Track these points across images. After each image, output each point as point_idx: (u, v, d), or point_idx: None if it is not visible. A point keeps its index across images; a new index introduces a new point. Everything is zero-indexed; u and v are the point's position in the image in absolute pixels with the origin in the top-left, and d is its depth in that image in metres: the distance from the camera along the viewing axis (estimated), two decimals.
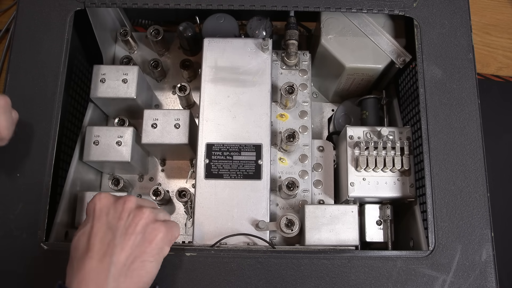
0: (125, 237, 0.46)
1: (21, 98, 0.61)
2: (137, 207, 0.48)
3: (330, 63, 0.71)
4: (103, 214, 0.47)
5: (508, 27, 0.93)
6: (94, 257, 0.44)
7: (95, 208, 0.47)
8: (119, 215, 0.47)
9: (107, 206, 0.48)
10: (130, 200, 0.48)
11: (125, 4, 0.64)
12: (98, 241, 0.45)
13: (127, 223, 0.47)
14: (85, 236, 0.46)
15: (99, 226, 0.46)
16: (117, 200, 0.48)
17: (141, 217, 0.48)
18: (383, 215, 0.66)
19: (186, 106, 0.78)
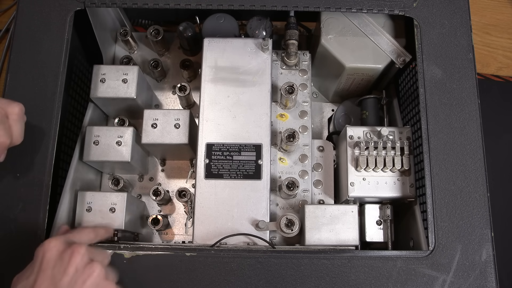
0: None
1: (21, 98, 0.61)
2: (86, 262, 0.46)
3: (330, 63, 0.71)
4: (49, 267, 0.44)
5: (508, 27, 0.93)
6: None
7: (43, 258, 0.45)
8: (65, 270, 0.44)
9: (54, 257, 0.45)
10: (78, 252, 0.45)
11: (125, 4, 0.64)
12: None
13: (72, 281, 0.44)
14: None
15: (42, 280, 0.43)
16: (65, 251, 0.45)
17: (89, 274, 0.45)
18: (383, 215, 0.66)
19: (186, 106, 0.78)
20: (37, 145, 0.60)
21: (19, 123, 0.54)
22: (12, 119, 0.53)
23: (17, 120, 0.54)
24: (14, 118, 0.53)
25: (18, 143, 0.55)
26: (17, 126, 0.54)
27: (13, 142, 0.54)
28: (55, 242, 0.46)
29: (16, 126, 0.54)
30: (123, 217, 0.64)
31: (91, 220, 0.64)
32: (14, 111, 0.53)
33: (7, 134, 0.53)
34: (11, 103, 0.54)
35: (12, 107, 0.53)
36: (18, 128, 0.54)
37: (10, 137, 0.53)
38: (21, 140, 0.56)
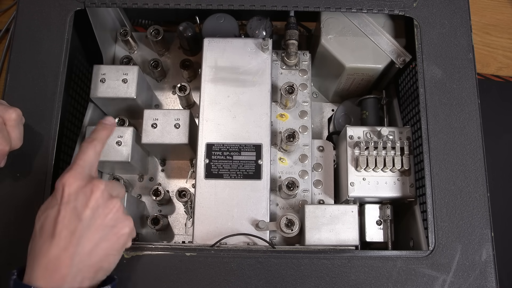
0: (92, 228, 0.45)
1: (21, 98, 0.61)
2: (106, 197, 0.47)
3: (330, 63, 0.71)
4: (71, 200, 0.45)
5: (508, 27, 0.93)
6: (59, 245, 0.44)
7: (63, 191, 0.46)
8: (86, 202, 0.46)
9: (76, 191, 0.46)
10: (98, 189, 0.46)
11: (125, 4, 0.64)
12: (64, 227, 0.44)
13: (95, 214, 0.46)
14: (51, 219, 0.45)
15: (66, 212, 0.45)
16: (86, 185, 0.47)
17: (110, 209, 0.47)
18: (383, 215, 0.66)
19: (186, 106, 0.78)
20: (37, 145, 0.60)
21: (17, 128, 0.55)
22: (9, 125, 0.54)
23: (15, 125, 0.54)
24: (11, 124, 0.54)
25: (17, 147, 0.56)
26: (15, 132, 0.54)
27: (13, 147, 0.55)
28: (75, 176, 0.47)
29: (15, 132, 0.54)
30: None
31: None
32: (11, 117, 0.54)
33: (6, 141, 0.53)
34: (8, 109, 0.54)
35: (9, 114, 0.54)
36: (16, 133, 0.55)
37: (9, 143, 0.54)
38: (21, 144, 0.56)
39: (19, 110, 0.55)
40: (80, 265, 0.44)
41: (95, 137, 0.51)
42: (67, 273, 0.43)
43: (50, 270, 0.43)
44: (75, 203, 0.45)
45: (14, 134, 0.54)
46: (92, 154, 0.49)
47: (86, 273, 0.45)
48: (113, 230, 0.47)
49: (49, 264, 0.43)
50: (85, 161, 0.48)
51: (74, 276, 0.44)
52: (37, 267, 0.43)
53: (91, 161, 0.49)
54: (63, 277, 0.43)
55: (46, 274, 0.43)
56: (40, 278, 0.43)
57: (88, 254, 0.45)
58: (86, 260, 0.45)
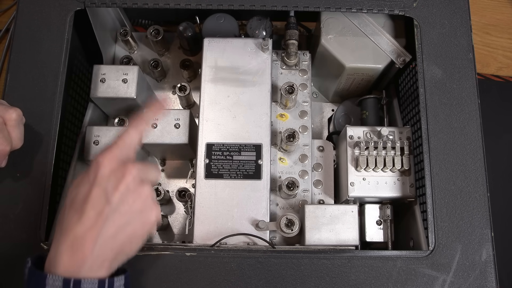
0: (119, 212, 0.45)
1: (21, 98, 0.61)
2: (137, 182, 0.47)
3: (330, 63, 0.71)
4: (103, 181, 0.46)
5: (508, 27, 0.93)
6: (86, 224, 0.44)
7: (97, 171, 0.46)
8: (117, 186, 0.46)
9: (109, 173, 0.46)
10: (130, 173, 0.46)
11: (125, 4, 0.64)
12: (92, 208, 0.44)
13: (124, 199, 0.46)
14: (81, 197, 0.45)
15: (96, 192, 0.45)
16: (119, 169, 0.47)
17: (139, 195, 0.47)
18: (383, 215, 0.66)
19: (186, 106, 0.78)
20: (37, 145, 0.60)
21: (17, 128, 0.55)
22: (10, 125, 0.54)
23: (15, 125, 0.54)
24: (12, 124, 0.54)
25: (18, 147, 0.56)
26: (15, 132, 0.55)
27: (13, 147, 0.55)
28: (112, 157, 0.47)
29: (15, 132, 0.55)
30: None
31: None
32: (11, 117, 0.54)
33: (7, 141, 0.54)
34: (8, 109, 0.54)
35: (9, 114, 0.54)
36: (17, 134, 0.55)
37: (10, 143, 0.54)
38: (21, 144, 0.56)
39: (19, 110, 0.55)
40: (102, 246, 0.44)
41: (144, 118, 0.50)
42: (90, 253, 0.44)
43: (75, 248, 0.43)
44: (106, 185, 0.45)
45: (14, 134, 0.55)
46: (135, 136, 0.49)
47: (107, 255, 0.45)
48: (140, 216, 0.47)
49: (74, 241, 0.44)
50: (125, 143, 0.48)
51: (96, 257, 0.44)
52: (63, 242, 0.44)
53: (132, 143, 0.49)
54: (85, 256, 0.43)
55: (71, 250, 0.43)
56: (64, 253, 0.43)
57: (112, 237, 0.45)
58: (109, 243, 0.45)
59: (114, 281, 0.45)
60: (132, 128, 0.49)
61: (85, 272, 0.43)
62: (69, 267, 0.43)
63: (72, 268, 0.43)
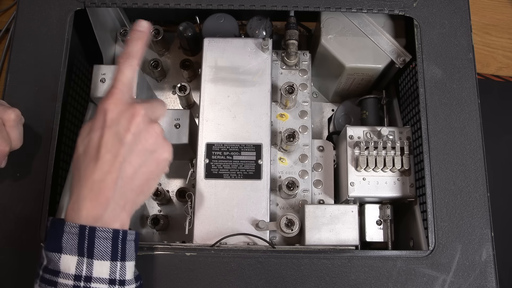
0: (134, 153, 0.45)
1: (21, 98, 0.61)
2: (147, 122, 0.47)
3: (330, 63, 0.71)
4: (114, 124, 0.45)
5: (508, 27, 0.93)
6: (103, 168, 0.44)
7: (105, 116, 0.46)
8: (128, 127, 0.45)
9: (117, 115, 0.46)
10: (138, 113, 0.46)
11: (125, 4, 0.64)
12: (107, 151, 0.44)
13: (137, 139, 0.46)
14: (95, 143, 0.45)
15: (109, 135, 0.45)
16: (127, 110, 0.46)
17: (151, 134, 0.47)
18: (383, 215, 0.66)
19: (186, 106, 0.78)
20: (37, 145, 0.60)
21: (16, 129, 0.55)
22: (9, 125, 0.54)
23: (14, 126, 0.54)
24: (11, 124, 0.54)
25: (17, 148, 0.56)
26: (15, 132, 0.55)
27: (13, 147, 0.55)
28: (116, 101, 0.46)
29: (14, 132, 0.55)
30: None
31: None
32: (10, 117, 0.54)
33: (6, 141, 0.54)
34: (7, 109, 0.54)
35: (8, 114, 0.54)
36: (16, 134, 0.55)
37: (9, 144, 0.54)
38: (21, 144, 0.56)
39: (18, 111, 0.55)
40: (123, 188, 0.45)
41: (129, 52, 0.49)
42: (111, 196, 0.44)
43: (95, 192, 0.44)
44: (117, 128, 0.45)
45: (13, 134, 0.55)
46: (130, 73, 0.48)
47: (128, 196, 0.45)
48: (154, 155, 0.47)
49: (94, 186, 0.44)
50: (123, 83, 0.48)
51: (118, 200, 0.44)
52: (83, 188, 0.44)
53: (129, 81, 0.48)
54: (108, 199, 0.44)
55: (92, 195, 0.44)
56: (86, 198, 0.43)
57: (131, 178, 0.45)
58: (128, 184, 0.45)
59: (127, 233, 0.45)
60: (124, 65, 0.48)
61: (107, 215, 0.44)
62: (92, 211, 0.43)
63: (95, 211, 0.43)
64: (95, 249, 0.43)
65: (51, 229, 0.45)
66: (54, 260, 0.43)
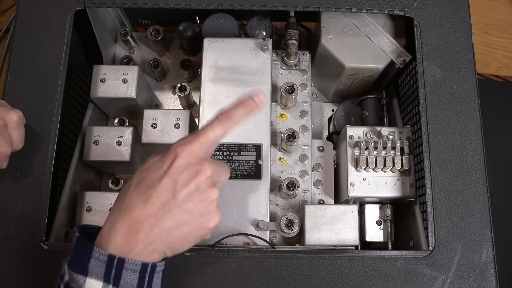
0: (181, 209, 0.45)
1: (21, 98, 0.61)
2: (208, 184, 0.46)
3: (330, 63, 0.71)
4: (176, 173, 0.45)
5: (508, 27, 0.93)
6: (147, 211, 0.44)
7: (173, 161, 0.45)
8: (187, 182, 0.45)
9: (184, 166, 0.45)
10: (203, 173, 0.45)
11: (125, 4, 0.64)
12: (157, 197, 0.44)
13: (190, 197, 0.45)
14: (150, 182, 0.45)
15: (167, 182, 0.44)
16: (195, 165, 0.46)
17: (206, 197, 0.46)
18: (383, 215, 0.66)
19: (186, 106, 0.78)
20: (37, 145, 0.60)
21: (18, 130, 0.55)
22: (11, 127, 0.54)
23: (16, 127, 0.55)
24: (13, 126, 0.54)
25: (19, 149, 0.56)
26: (16, 134, 0.55)
27: (14, 148, 0.55)
28: (191, 150, 0.46)
29: (16, 134, 0.55)
30: None
31: (91, 220, 0.64)
32: (12, 119, 0.54)
33: (8, 143, 0.54)
34: (9, 111, 0.54)
35: (10, 116, 0.54)
36: (18, 135, 0.55)
37: (11, 145, 0.54)
38: (22, 145, 0.56)
39: (20, 112, 0.55)
40: (156, 237, 0.44)
41: (231, 115, 0.48)
42: (144, 239, 0.44)
43: (131, 230, 0.44)
44: (177, 178, 0.45)
45: (15, 135, 0.55)
46: (219, 133, 0.48)
47: (159, 246, 0.45)
48: (199, 219, 0.47)
49: (132, 224, 0.44)
50: (207, 139, 0.47)
51: (147, 245, 0.44)
52: (121, 220, 0.44)
53: (214, 140, 0.48)
54: (139, 241, 0.44)
55: (127, 231, 0.44)
56: (119, 232, 0.44)
57: (168, 230, 0.45)
58: (163, 235, 0.45)
59: (156, 265, 0.45)
60: (218, 124, 0.48)
61: (133, 255, 0.44)
62: (121, 247, 0.43)
63: (123, 248, 0.43)
64: (122, 280, 0.43)
65: (78, 248, 0.45)
66: (78, 282, 0.43)
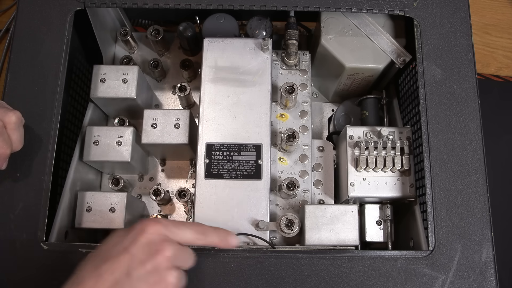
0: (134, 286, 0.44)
1: (21, 98, 0.61)
2: (166, 267, 0.45)
3: (330, 63, 0.71)
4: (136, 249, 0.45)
5: (508, 27, 0.93)
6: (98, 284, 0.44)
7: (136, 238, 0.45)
8: (144, 262, 0.44)
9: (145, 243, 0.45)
10: (162, 254, 0.45)
11: (125, 4, 0.64)
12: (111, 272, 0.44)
13: (145, 278, 0.44)
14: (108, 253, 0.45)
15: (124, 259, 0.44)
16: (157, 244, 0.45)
17: (162, 280, 0.45)
18: (383, 215, 0.66)
19: (186, 106, 0.78)
20: (37, 145, 0.60)
21: (17, 131, 0.55)
22: (10, 128, 0.54)
23: (15, 128, 0.55)
24: (12, 127, 0.54)
25: (18, 150, 0.56)
26: (15, 135, 0.55)
27: (13, 149, 0.55)
28: (155, 229, 0.46)
29: (15, 135, 0.55)
30: (123, 217, 0.64)
31: (91, 220, 0.64)
32: (11, 120, 0.54)
33: (7, 144, 0.54)
34: (8, 112, 0.54)
35: (9, 117, 0.54)
36: (17, 136, 0.55)
37: (10, 146, 0.54)
38: (21, 146, 0.56)
39: (18, 113, 0.55)
40: None
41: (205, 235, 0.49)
42: None
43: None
44: (135, 254, 0.45)
45: (14, 136, 0.55)
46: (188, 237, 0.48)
47: None
48: None
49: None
50: (177, 230, 0.47)
51: None
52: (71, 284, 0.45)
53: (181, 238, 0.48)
54: None
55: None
56: None
57: None
58: None
59: None
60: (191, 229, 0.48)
61: None
62: None
63: None
64: None
65: None
66: None
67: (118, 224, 0.64)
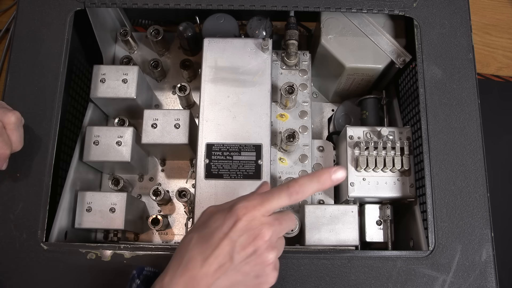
0: (237, 271, 0.46)
1: (21, 98, 0.61)
2: (265, 248, 0.46)
3: (330, 63, 0.71)
4: (236, 236, 0.45)
5: (508, 27, 0.93)
6: (204, 270, 0.45)
7: (235, 224, 0.46)
8: (245, 246, 0.45)
9: (244, 229, 0.46)
10: (262, 237, 0.46)
11: (125, 4, 0.64)
12: (216, 258, 0.45)
13: (247, 260, 0.46)
14: (212, 243, 0.46)
15: (226, 245, 0.45)
16: (255, 228, 0.46)
17: (263, 261, 0.46)
18: (383, 215, 0.66)
19: (186, 106, 0.78)
20: (37, 145, 0.60)
21: (17, 131, 0.55)
22: (9, 128, 0.54)
23: (15, 128, 0.55)
24: (11, 127, 0.54)
25: (18, 150, 0.56)
26: (15, 135, 0.55)
27: (13, 150, 0.55)
28: (251, 216, 0.46)
29: (15, 135, 0.55)
30: (123, 217, 0.64)
31: (91, 220, 0.64)
32: (10, 120, 0.54)
33: (7, 144, 0.54)
34: (7, 112, 0.54)
35: (8, 117, 0.54)
36: (17, 136, 0.55)
37: (10, 147, 0.54)
38: (21, 146, 0.56)
39: (18, 113, 0.55)
40: None
41: (302, 191, 0.48)
42: None
43: (188, 286, 0.45)
44: (236, 240, 0.45)
45: (14, 137, 0.55)
46: (284, 204, 0.47)
47: None
48: (254, 280, 0.47)
49: (189, 280, 0.45)
50: (272, 206, 0.47)
51: None
52: (180, 276, 0.45)
53: (276, 207, 0.48)
54: None
55: (184, 287, 0.45)
56: (177, 286, 0.45)
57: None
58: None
59: None
60: (286, 195, 0.47)
61: None
62: None
63: None
64: None
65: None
66: None
67: (118, 224, 0.64)
